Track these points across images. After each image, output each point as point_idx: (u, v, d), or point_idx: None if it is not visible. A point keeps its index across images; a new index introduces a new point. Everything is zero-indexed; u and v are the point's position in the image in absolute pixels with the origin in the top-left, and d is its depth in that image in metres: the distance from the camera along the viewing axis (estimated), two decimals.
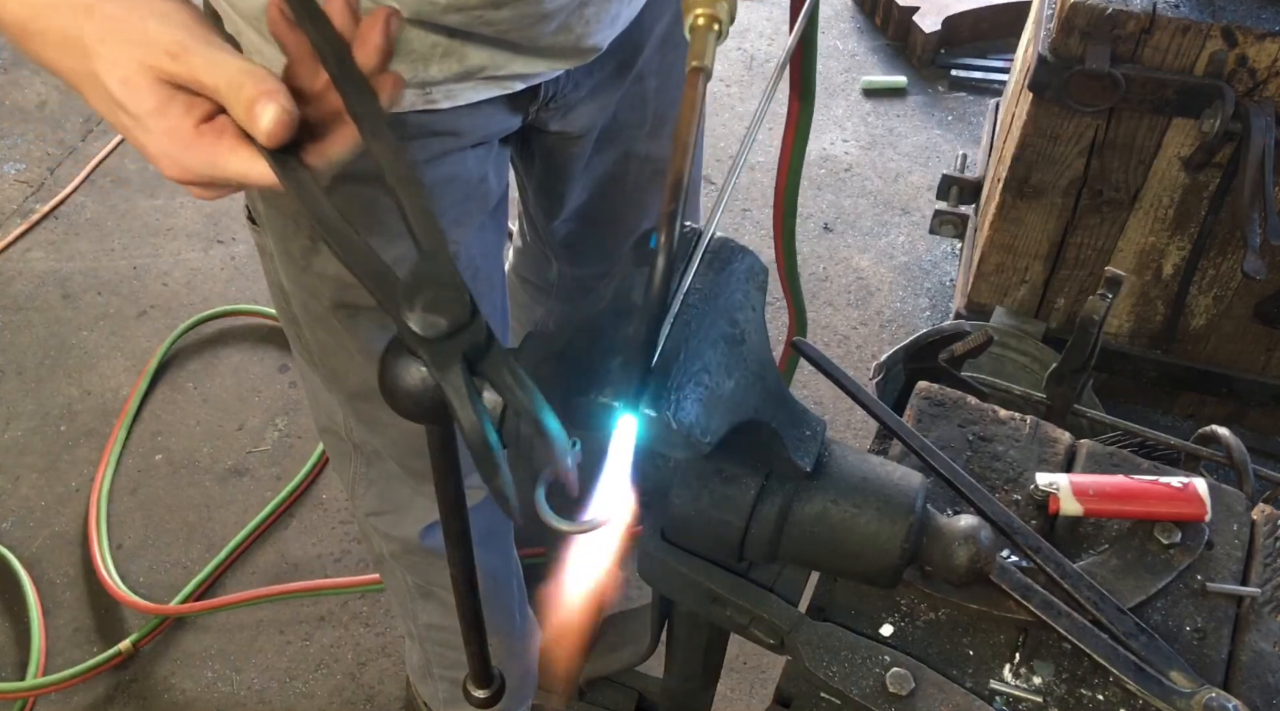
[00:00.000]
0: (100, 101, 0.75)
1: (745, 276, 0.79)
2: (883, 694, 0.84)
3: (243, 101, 0.70)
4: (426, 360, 0.62)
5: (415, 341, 0.62)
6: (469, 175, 1.18)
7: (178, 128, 0.72)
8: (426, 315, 0.62)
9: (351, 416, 1.39)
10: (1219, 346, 2.18)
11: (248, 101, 0.69)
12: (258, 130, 0.69)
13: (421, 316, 0.62)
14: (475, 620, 0.89)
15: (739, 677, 2.00)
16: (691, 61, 0.71)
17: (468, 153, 1.15)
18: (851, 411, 2.38)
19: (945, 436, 1.05)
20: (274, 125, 0.69)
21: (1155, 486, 0.96)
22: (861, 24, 3.32)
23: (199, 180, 0.75)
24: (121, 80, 0.72)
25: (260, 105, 0.69)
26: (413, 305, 0.62)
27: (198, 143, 0.72)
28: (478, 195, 1.21)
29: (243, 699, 1.99)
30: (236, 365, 2.47)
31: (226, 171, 0.73)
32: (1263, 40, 1.73)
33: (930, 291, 2.65)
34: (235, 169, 0.73)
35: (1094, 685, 0.89)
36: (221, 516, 2.22)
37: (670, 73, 1.30)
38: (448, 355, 0.61)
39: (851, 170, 2.92)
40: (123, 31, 0.72)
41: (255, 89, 0.69)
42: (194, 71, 0.71)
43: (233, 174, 0.73)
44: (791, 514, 0.78)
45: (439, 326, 0.62)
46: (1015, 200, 2.04)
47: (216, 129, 0.72)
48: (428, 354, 0.62)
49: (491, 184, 1.22)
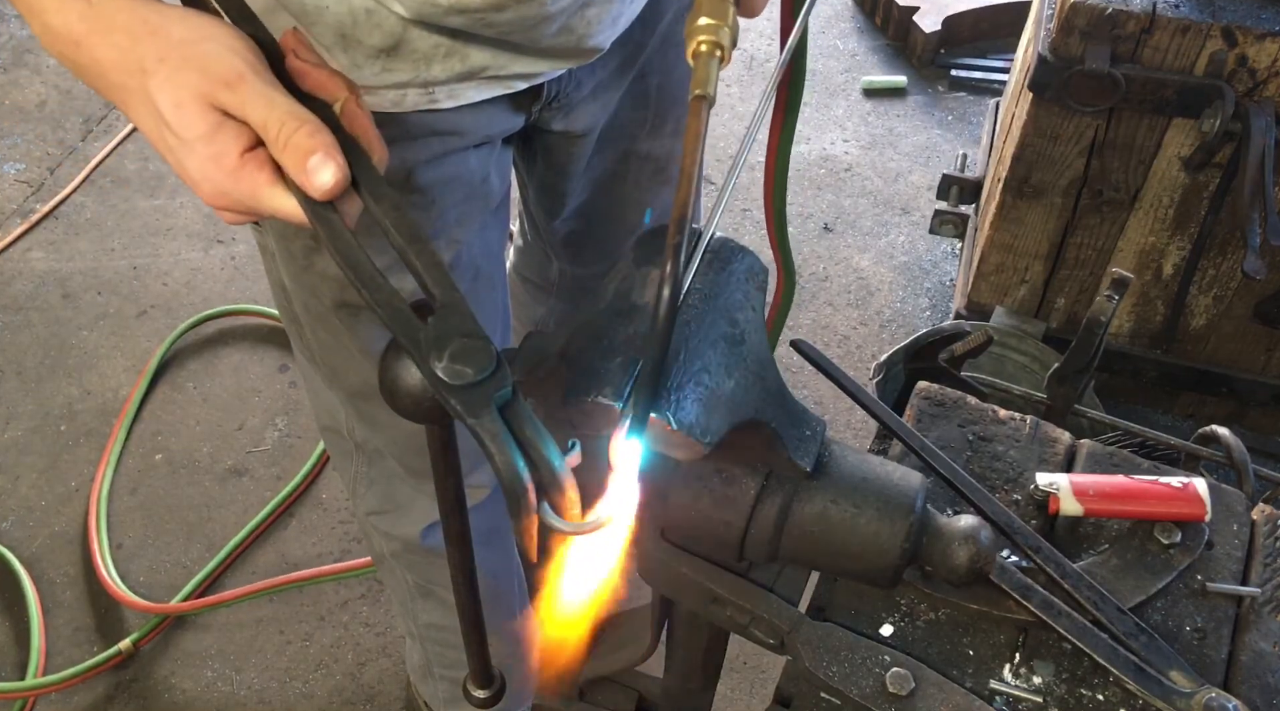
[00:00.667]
0: (146, 118, 0.76)
1: (745, 276, 0.79)
2: (883, 694, 0.84)
3: (298, 151, 0.72)
4: (458, 407, 0.65)
5: (445, 390, 0.65)
6: (471, 175, 1.18)
7: (224, 155, 0.74)
8: (453, 365, 0.65)
9: (353, 415, 1.39)
10: (1219, 346, 2.18)
11: (304, 151, 0.71)
12: (312, 185, 0.72)
13: (449, 366, 0.65)
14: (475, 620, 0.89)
15: (739, 677, 2.00)
16: (695, 90, 0.72)
17: (470, 152, 1.15)
18: (851, 411, 2.38)
19: (945, 436, 1.05)
20: (332, 184, 0.72)
21: (1155, 486, 0.96)
22: (861, 24, 3.32)
23: (235, 207, 0.77)
24: (175, 103, 0.73)
25: (317, 161, 0.71)
26: (441, 355, 0.66)
27: (241, 172, 0.74)
28: (480, 195, 1.21)
29: (243, 698, 1.99)
30: (236, 365, 2.47)
31: (265, 204, 0.75)
32: (1263, 40, 1.73)
33: (930, 291, 2.65)
34: (273, 203, 0.75)
35: (1094, 685, 0.89)
36: (221, 516, 2.22)
37: (672, 71, 1.30)
38: (480, 402, 0.65)
39: (851, 170, 2.92)
40: (184, 55, 0.74)
41: (310, 141, 0.72)
42: (245, 104, 0.73)
43: (270, 208, 0.75)
44: (791, 514, 0.78)
45: (466, 376, 0.65)
46: (1015, 200, 2.04)
47: (259, 161, 0.74)
48: (459, 401, 0.65)
49: (494, 184, 1.22)
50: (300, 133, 0.72)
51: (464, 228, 1.21)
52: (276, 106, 0.73)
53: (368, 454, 1.45)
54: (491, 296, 1.34)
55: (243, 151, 0.74)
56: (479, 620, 0.90)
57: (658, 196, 1.43)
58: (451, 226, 1.19)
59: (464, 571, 0.86)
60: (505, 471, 0.64)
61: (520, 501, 0.64)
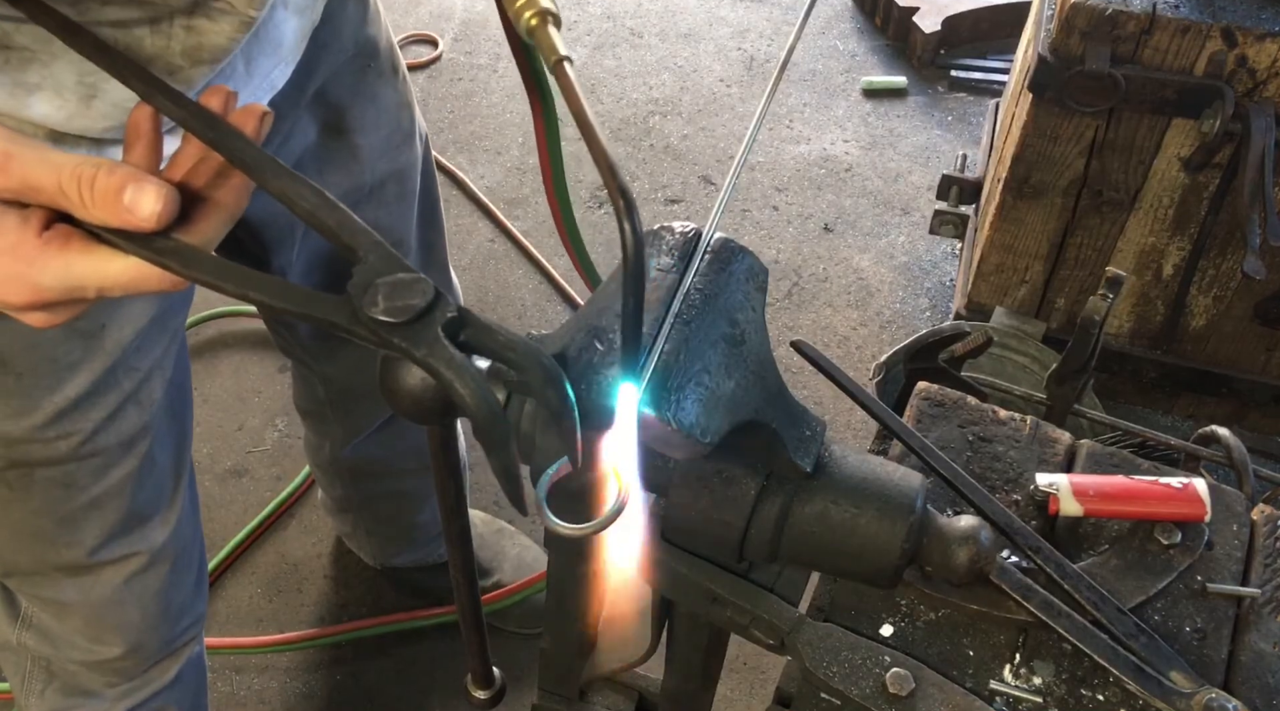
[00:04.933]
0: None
1: (745, 276, 0.79)
2: (883, 694, 0.84)
3: (106, 194, 0.64)
4: (406, 347, 0.59)
5: (389, 331, 0.60)
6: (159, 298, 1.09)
7: (19, 244, 0.66)
8: (391, 303, 0.60)
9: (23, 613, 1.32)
10: (1219, 346, 2.18)
11: (113, 190, 0.64)
12: (140, 218, 0.64)
13: (389, 306, 0.60)
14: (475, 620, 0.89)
15: (739, 677, 2.00)
16: (550, 57, 0.69)
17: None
18: (851, 411, 2.38)
19: (945, 436, 1.05)
20: (160, 203, 0.64)
21: (1155, 487, 0.96)
22: (861, 24, 3.32)
23: (52, 297, 0.68)
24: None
25: (134, 188, 0.64)
26: (375, 301, 0.60)
27: (45, 253, 0.66)
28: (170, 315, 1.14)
29: (243, 699, 1.99)
30: (236, 365, 2.47)
31: (85, 278, 0.67)
32: (1263, 40, 1.73)
33: (930, 291, 2.65)
34: (93, 274, 0.67)
35: (1094, 685, 0.89)
36: (221, 516, 2.22)
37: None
38: (425, 334, 0.59)
39: (851, 170, 2.92)
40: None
41: (112, 178, 0.64)
42: (26, 178, 0.64)
43: (91, 280, 0.67)
44: (791, 514, 0.78)
45: (412, 309, 0.60)
46: (1015, 200, 2.04)
47: (62, 237, 0.66)
48: (405, 339, 0.59)
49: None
50: (100, 177, 0.64)
51: (143, 355, 1.11)
52: (62, 166, 0.64)
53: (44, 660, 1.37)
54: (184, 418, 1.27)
55: (39, 232, 0.66)
56: (479, 620, 0.90)
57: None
58: (131, 355, 1.09)
59: (464, 571, 0.86)
60: (473, 399, 0.58)
61: (494, 430, 0.59)
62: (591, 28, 3.34)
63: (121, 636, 1.35)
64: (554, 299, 2.61)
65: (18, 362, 1.03)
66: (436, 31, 3.29)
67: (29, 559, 1.22)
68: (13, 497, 1.12)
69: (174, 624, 1.41)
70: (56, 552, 1.21)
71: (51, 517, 1.17)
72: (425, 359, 0.59)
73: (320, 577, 2.14)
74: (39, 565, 1.23)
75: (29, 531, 1.18)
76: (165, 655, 1.43)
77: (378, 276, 0.62)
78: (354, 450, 1.75)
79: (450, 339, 0.60)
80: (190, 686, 1.55)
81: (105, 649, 1.36)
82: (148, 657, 1.41)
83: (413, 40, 3.27)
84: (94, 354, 1.06)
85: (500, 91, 3.14)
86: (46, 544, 1.20)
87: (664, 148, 2.97)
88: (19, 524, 1.17)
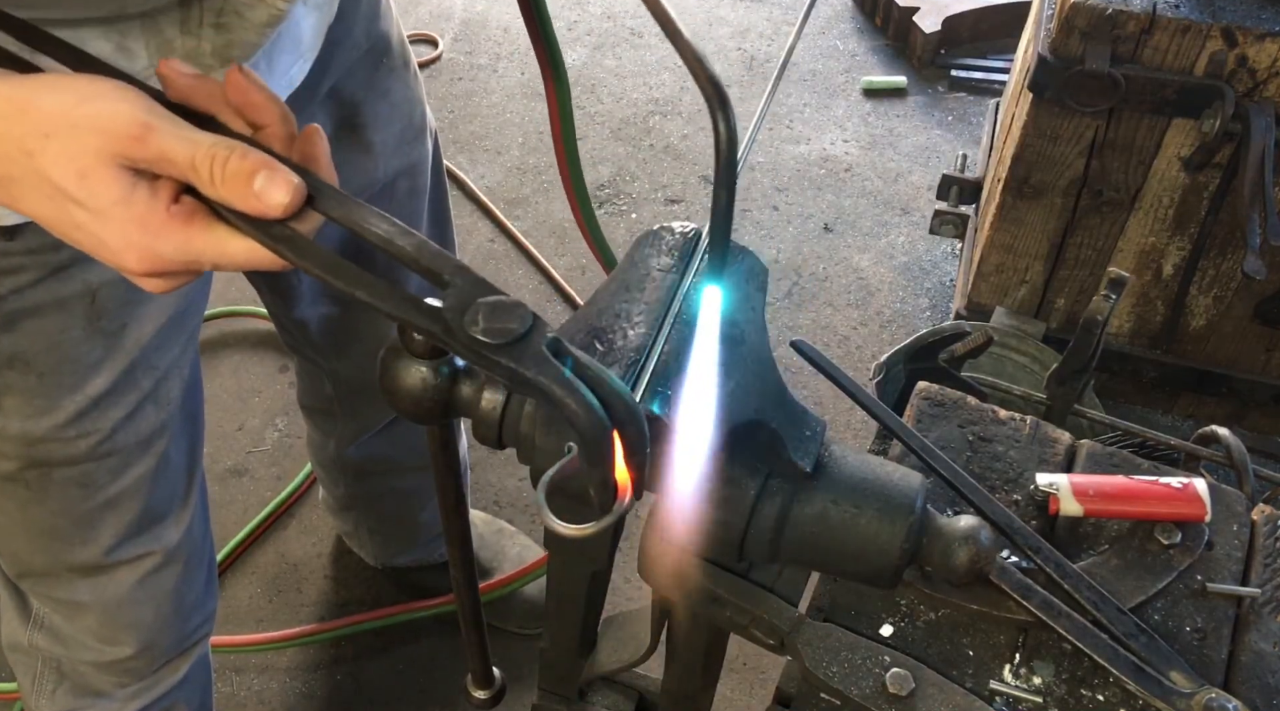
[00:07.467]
0: (43, 203, 0.69)
1: (745, 276, 0.79)
2: (883, 694, 0.84)
3: (238, 177, 0.66)
4: (514, 366, 0.61)
5: (494, 352, 0.61)
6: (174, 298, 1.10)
7: (147, 214, 0.68)
8: (491, 325, 0.62)
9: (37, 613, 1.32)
10: (1219, 346, 2.18)
11: (245, 174, 0.66)
12: (267, 205, 0.66)
13: (488, 327, 0.61)
14: (475, 620, 0.89)
15: (739, 677, 2.00)
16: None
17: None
18: (851, 411, 2.38)
19: (945, 436, 1.05)
20: (289, 195, 0.66)
21: (1155, 486, 0.96)
22: (861, 24, 3.32)
23: (171, 267, 0.71)
24: (79, 173, 0.66)
25: (266, 176, 0.66)
26: (475, 320, 0.62)
27: (169, 226, 0.68)
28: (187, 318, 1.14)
29: (243, 699, 1.99)
30: (236, 365, 2.47)
31: (203, 254, 0.69)
32: (1263, 40, 1.73)
33: (930, 291, 2.65)
34: (211, 250, 0.69)
35: (1094, 685, 0.89)
36: (221, 516, 2.21)
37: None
38: (533, 354, 0.61)
39: (851, 170, 2.92)
40: (70, 123, 0.66)
41: (246, 163, 0.66)
42: (164, 152, 0.67)
43: (209, 255, 0.69)
44: (791, 514, 0.78)
45: (511, 331, 0.61)
46: (1015, 200, 2.04)
47: (187, 211, 0.68)
48: (512, 359, 0.61)
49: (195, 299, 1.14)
50: (233, 159, 0.66)
51: (162, 354, 1.12)
52: (199, 143, 0.67)
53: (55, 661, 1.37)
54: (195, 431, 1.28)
55: (168, 205, 0.68)
56: (479, 620, 0.90)
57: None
58: (150, 354, 1.10)
59: (464, 571, 0.86)
60: (585, 416, 0.60)
61: (602, 446, 0.61)
62: (591, 28, 3.34)
63: (134, 636, 1.35)
64: (554, 299, 2.61)
65: (39, 362, 1.03)
66: (436, 31, 3.29)
67: (44, 559, 1.22)
68: (30, 497, 1.12)
69: (186, 621, 1.41)
70: (72, 553, 1.21)
71: (69, 517, 1.16)
72: (536, 377, 0.60)
73: (320, 577, 2.14)
74: (54, 565, 1.23)
75: (46, 531, 1.18)
76: (176, 653, 1.44)
77: (472, 296, 0.63)
78: (358, 448, 1.75)
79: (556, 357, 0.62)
80: (198, 684, 1.55)
81: (117, 649, 1.36)
82: (159, 657, 1.41)
83: (413, 40, 3.27)
84: (115, 353, 1.07)
85: (500, 91, 3.14)
86: (63, 544, 1.20)
87: (664, 147, 2.97)
88: (36, 524, 1.17)
